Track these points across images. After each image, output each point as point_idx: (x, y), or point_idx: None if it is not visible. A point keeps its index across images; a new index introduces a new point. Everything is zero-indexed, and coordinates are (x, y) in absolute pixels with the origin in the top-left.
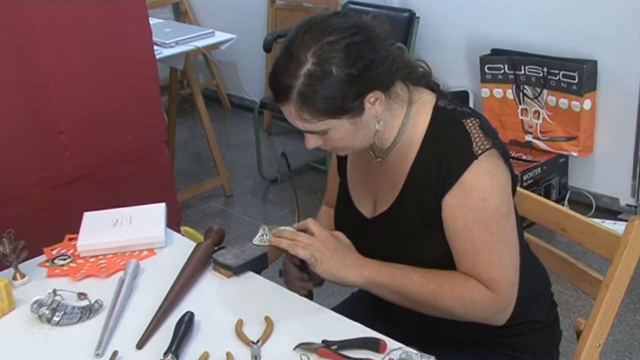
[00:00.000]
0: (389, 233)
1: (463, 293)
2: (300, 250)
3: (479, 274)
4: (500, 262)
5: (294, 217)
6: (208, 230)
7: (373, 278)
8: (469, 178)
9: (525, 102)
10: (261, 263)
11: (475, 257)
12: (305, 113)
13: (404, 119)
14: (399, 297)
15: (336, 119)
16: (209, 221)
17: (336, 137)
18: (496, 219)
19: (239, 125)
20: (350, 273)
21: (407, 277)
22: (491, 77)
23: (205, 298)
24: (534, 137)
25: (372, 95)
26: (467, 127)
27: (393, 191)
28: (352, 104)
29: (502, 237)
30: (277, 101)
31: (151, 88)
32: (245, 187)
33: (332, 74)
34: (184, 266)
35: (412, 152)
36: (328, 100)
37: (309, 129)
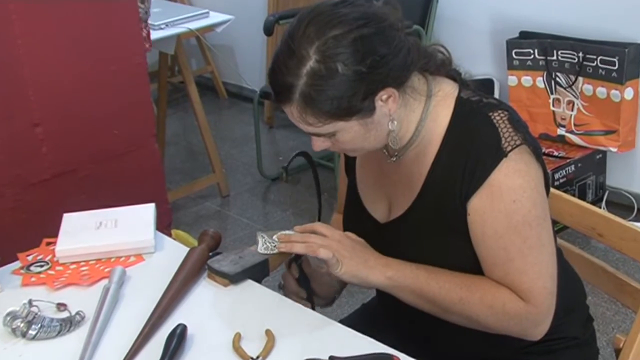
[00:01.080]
0: (406, 240)
1: (494, 302)
2: (321, 250)
3: (512, 283)
4: (535, 271)
5: (298, 220)
6: (202, 234)
7: (397, 279)
8: (498, 178)
9: (558, 92)
10: (261, 270)
11: (507, 266)
12: (309, 115)
13: (422, 114)
14: (423, 302)
15: (344, 121)
16: (204, 224)
17: (345, 139)
18: (529, 222)
19: (236, 117)
20: (374, 273)
21: (433, 280)
22: (519, 64)
23: (199, 309)
24: (567, 131)
25: (384, 93)
26: (495, 121)
27: (410, 193)
28: (362, 104)
29: (537, 243)
30: (277, 101)
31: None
32: (243, 186)
33: (337, 72)
34: (175, 274)
35: (431, 150)
36: (334, 101)
37: (315, 131)
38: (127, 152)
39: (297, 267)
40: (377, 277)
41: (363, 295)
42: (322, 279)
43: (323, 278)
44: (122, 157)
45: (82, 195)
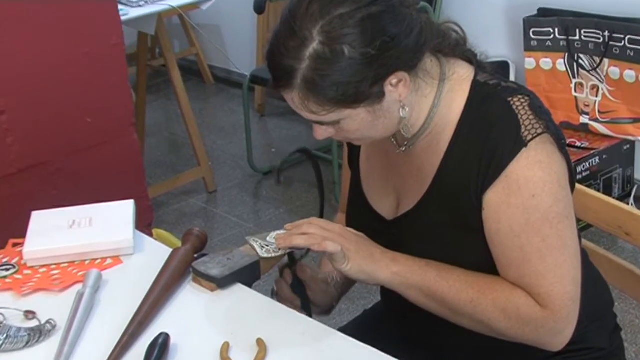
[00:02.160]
0: (415, 237)
1: (507, 305)
2: (328, 243)
3: (528, 286)
4: (555, 274)
5: (293, 218)
6: (187, 234)
7: (404, 275)
8: (517, 170)
9: (581, 75)
10: (252, 273)
11: (523, 267)
12: (312, 102)
13: (434, 100)
14: (431, 302)
15: (350, 109)
16: (188, 222)
17: (351, 128)
18: (550, 220)
19: (224, 105)
20: (380, 268)
21: (443, 279)
22: (537, 44)
23: (183, 316)
24: (591, 119)
25: (395, 77)
26: (514, 107)
27: (420, 186)
28: (370, 90)
29: (558, 243)
30: (276, 87)
31: (115, 58)
32: (232, 181)
33: (344, 55)
34: (157, 277)
35: (444, 139)
36: (340, 87)
37: (318, 120)
38: (103, 143)
39: (290, 273)
40: (383, 272)
41: (364, 301)
42: (318, 286)
43: (320, 285)
44: (97, 148)
45: (53, 191)
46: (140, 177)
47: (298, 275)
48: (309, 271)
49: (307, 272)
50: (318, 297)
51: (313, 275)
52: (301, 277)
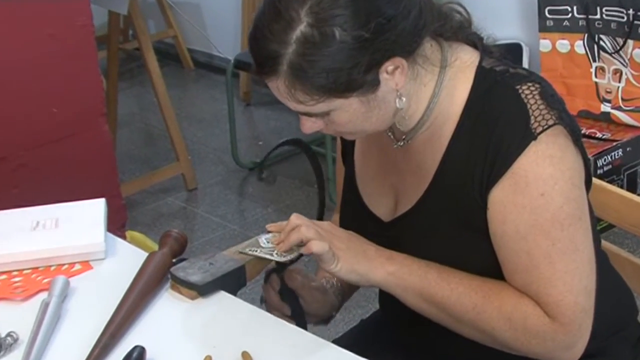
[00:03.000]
0: (414, 240)
1: (514, 314)
2: (313, 243)
3: (536, 295)
4: (565, 281)
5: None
6: (164, 236)
7: (401, 276)
8: (525, 166)
9: (602, 59)
10: (237, 279)
11: (530, 274)
12: (299, 91)
13: (435, 89)
14: (430, 307)
15: (342, 98)
16: (165, 223)
17: (342, 120)
18: (560, 222)
19: (205, 93)
20: (374, 267)
21: (444, 281)
22: (554, 25)
23: (160, 327)
24: (613, 107)
25: (391, 64)
26: (524, 96)
27: (420, 184)
28: (363, 78)
29: (570, 247)
30: (260, 74)
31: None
32: (214, 178)
33: (334, 39)
34: (131, 285)
35: (446, 132)
36: (330, 74)
37: (305, 110)
38: (70, 136)
39: (277, 278)
40: (378, 272)
41: (362, 310)
42: (312, 295)
43: (314, 294)
44: (63, 142)
45: (14, 189)
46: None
47: (287, 284)
48: (299, 279)
49: (297, 280)
50: (313, 306)
51: (304, 283)
52: (291, 286)
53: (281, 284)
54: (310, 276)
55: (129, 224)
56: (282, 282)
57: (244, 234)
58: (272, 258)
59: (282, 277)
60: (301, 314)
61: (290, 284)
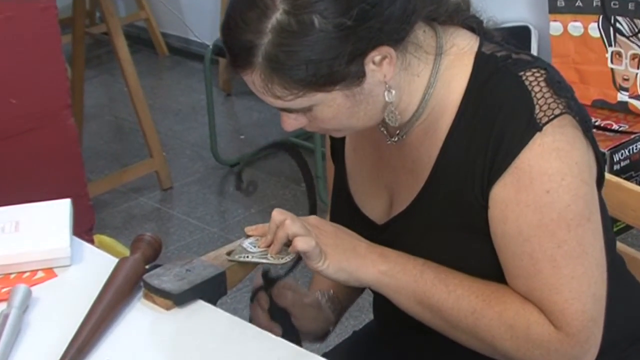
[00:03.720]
0: (409, 242)
1: (516, 321)
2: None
3: (540, 302)
4: (572, 288)
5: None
6: (136, 240)
7: (394, 275)
8: (529, 160)
9: (619, 43)
10: (217, 287)
11: (534, 279)
12: (277, 85)
13: (430, 79)
14: (425, 310)
15: (324, 92)
16: (138, 226)
17: (325, 116)
18: (567, 222)
19: (181, 82)
20: (365, 265)
21: (441, 282)
22: (565, 5)
23: (132, 341)
24: (631, 96)
25: (377, 53)
26: (527, 83)
27: (416, 182)
28: (347, 69)
29: (577, 250)
30: (234, 67)
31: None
32: (191, 176)
33: (313, 27)
34: (99, 294)
35: (443, 125)
36: (309, 65)
37: (285, 106)
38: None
39: (265, 296)
40: (369, 270)
41: (354, 321)
42: (305, 312)
43: (307, 311)
44: (24, 136)
45: None
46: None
47: (276, 302)
48: (289, 296)
49: (288, 297)
50: (306, 324)
51: (296, 300)
52: (281, 304)
53: (270, 302)
54: (302, 291)
55: (97, 227)
56: (271, 300)
57: (224, 237)
58: (270, 262)
59: (271, 295)
60: (294, 333)
61: (280, 302)
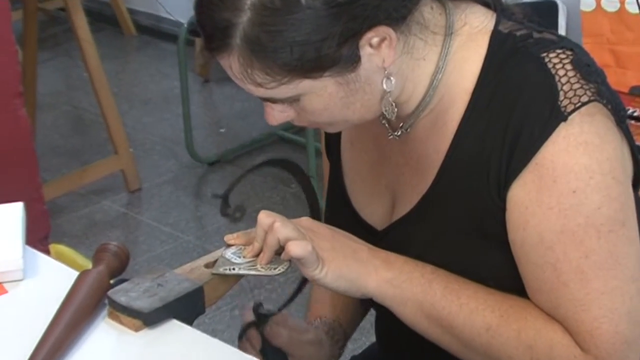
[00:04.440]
0: (414, 251)
1: (537, 341)
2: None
3: (565, 320)
4: (602, 305)
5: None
6: (100, 250)
7: (398, 285)
8: (552, 155)
9: None
10: (193, 305)
11: (559, 294)
12: (258, 70)
13: (438, 63)
14: (433, 325)
15: (311, 79)
16: (101, 234)
17: (315, 107)
18: (597, 227)
19: (151, 66)
20: (367, 272)
21: (453, 294)
22: None
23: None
24: None
25: (374, 35)
26: (551, 66)
27: (421, 181)
28: (338, 53)
29: (609, 260)
30: (209, 49)
31: None
32: (163, 175)
33: (299, 3)
34: (57, 312)
35: (454, 116)
36: (295, 48)
37: (267, 95)
38: None
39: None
40: (371, 278)
41: (353, 345)
42: (303, 350)
43: (305, 349)
44: None
45: None
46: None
47: (270, 342)
48: (285, 334)
49: (283, 336)
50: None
51: (293, 338)
52: (275, 344)
53: (263, 342)
54: (300, 326)
55: (54, 235)
56: (264, 340)
57: (201, 247)
58: (261, 273)
59: (263, 333)
60: None
61: (274, 342)
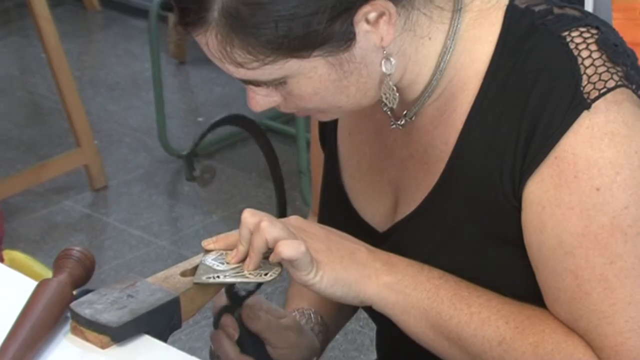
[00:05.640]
0: (419, 254)
1: (555, 356)
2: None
3: (587, 333)
4: (629, 317)
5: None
6: (61, 257)
7: (402, 290)
8: (572, 147)
9: None
10: (168, 318)
11: (580, 304)
12: (238, 49)
13: (446, 42)
14: (439, 337)
15: (300, 59)
16: (62, 239)
17: (304, 91)
18: (624, 230)
19: (119, 46)
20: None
21: (462, 302)
22: None
23: None
24: None
25: (371, 9)
26: (573, 46)
27: (428, 176)
28: (330, 29)
29: (637, 267)
30: (183, 24)
31: None
32: (132, 172)
33: None
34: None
35: (464, 102)
36: (280, 23)
37: (250, 77)
38: None
39: (235, 321)
40: (371, 282)
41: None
42: (283, 337)
43: (285, 337)
44: None
45: None
46: None
47: (247, 326)
48: (263, 317)
49: (261, 320)
50: (285, 354)
51: (271, 322)
52: (253, 329)
53: (240, 329)
54: (278, 311)
55: (8, 240)
56: (241, 325)
57: (177, 252)
58: (250, 280)
59: (240, 318)
60: None
61: (252, 327)
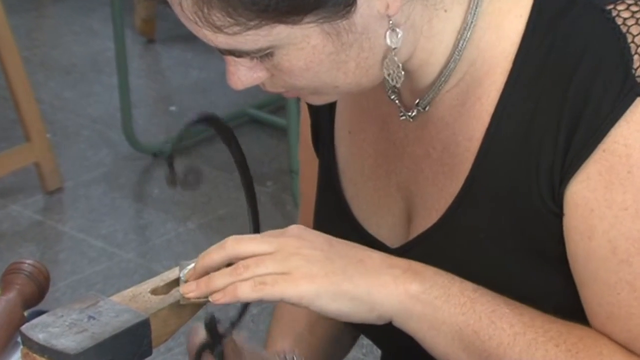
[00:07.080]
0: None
1: None
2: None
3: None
4: None
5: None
6: (9, 271)
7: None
8: (624, 139)
9: None
10: (136, 344)
11: (633, 320)
12: (217, 11)
13: (466, 17)
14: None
15: (289, 25)
16: (9, 250)
17: (294, 64)
18: None
19: (75, 22)
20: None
21: (503, 320)
22: None
23: None
24: None
25: None
26: (620, 23)
27: (449, 180)
28: None
29: None
30: None
31: None
32: (93, 171)
33: None
34: None
35: (491, 90)
36: None
37: (231, 47)
38: None
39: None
40: (389, 290)
41: None
42: None
43: None
44: None
45: None
46: None
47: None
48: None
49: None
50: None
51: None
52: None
53: None
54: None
55: None
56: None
57: (145, 266)
58: None
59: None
60: None
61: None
